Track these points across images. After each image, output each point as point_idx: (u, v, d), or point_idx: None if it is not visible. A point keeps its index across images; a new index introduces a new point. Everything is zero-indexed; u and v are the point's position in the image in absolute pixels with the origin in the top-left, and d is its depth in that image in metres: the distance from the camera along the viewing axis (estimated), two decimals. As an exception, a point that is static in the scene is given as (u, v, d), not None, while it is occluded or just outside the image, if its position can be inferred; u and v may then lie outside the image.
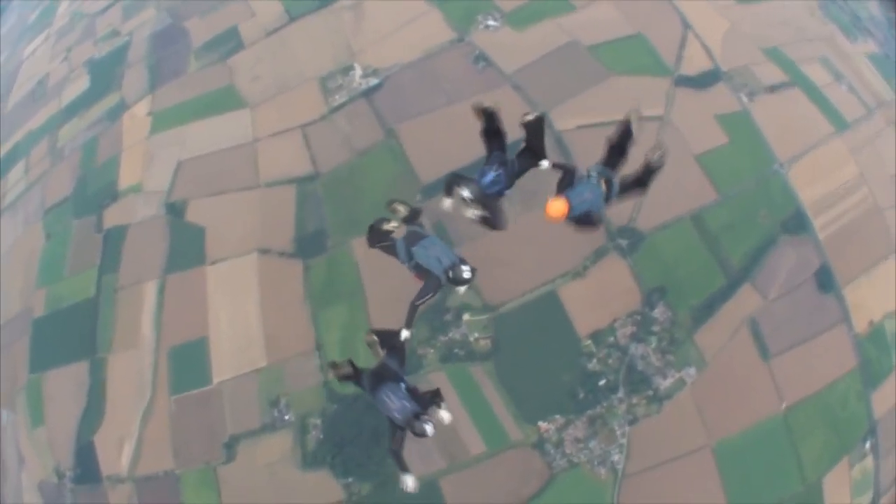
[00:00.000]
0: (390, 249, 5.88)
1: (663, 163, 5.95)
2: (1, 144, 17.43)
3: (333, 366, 5.97)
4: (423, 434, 5.15)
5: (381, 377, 5.55)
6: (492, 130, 6.02)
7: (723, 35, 14.34)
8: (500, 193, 5.94)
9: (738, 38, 14.45)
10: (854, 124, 14.50)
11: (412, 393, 5.46)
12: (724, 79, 13.82)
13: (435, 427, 5.27)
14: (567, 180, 5.86)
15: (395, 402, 5.34)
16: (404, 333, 5.72)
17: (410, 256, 5.69)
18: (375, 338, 5.89)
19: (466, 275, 5.46)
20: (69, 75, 17.42)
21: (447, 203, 6.10)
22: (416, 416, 5.20)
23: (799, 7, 16.15)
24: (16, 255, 15.61)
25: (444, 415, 5.93)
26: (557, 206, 5.55)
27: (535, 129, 5.97)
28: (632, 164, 6.09)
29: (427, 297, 5.55)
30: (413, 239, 5.74)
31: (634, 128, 5.92)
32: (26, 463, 14.01)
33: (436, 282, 5.54)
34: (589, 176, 5.85)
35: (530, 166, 6.05)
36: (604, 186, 5.79)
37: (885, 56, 17.21)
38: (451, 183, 5.93)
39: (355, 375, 5.78)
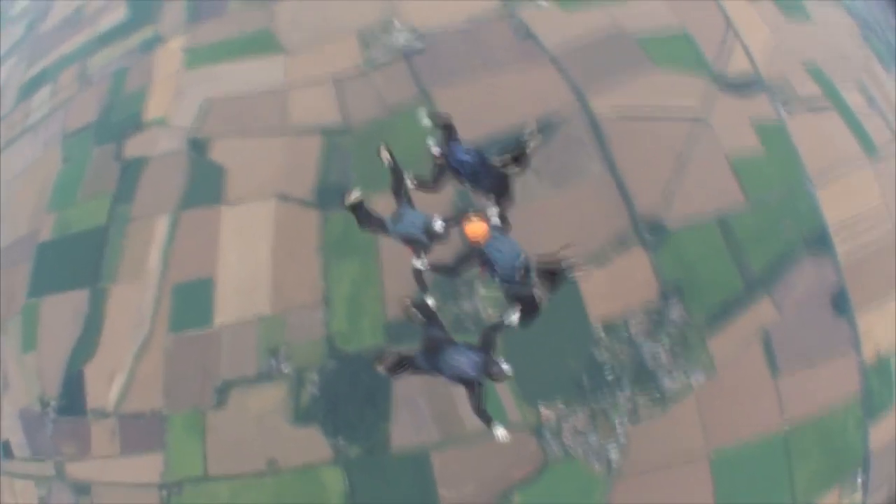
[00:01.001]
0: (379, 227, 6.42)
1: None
2: (30, 66, 17.22)
3: (379, 359, 6.00)
4: (502, 375, 5.22)
5: (434, 348, 5.49)
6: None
7: (767, 46, 14.28)
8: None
9: (782, 51, 14.39)
10: (885, 154, 14.38)
11: (469, 346, 5.42)
12: (764, 88, 13.71)
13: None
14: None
15: (464, 360, 5.28)
16: (430, 301, 6.03)
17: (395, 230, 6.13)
18: (412, 305, 6.01)
19: (438, 228, 5.77)
20: (108, 4, 17.23)
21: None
22: (493, 363, 5.24)
23: (841, 28, 16.10)
24: (30, 176, 15.40)
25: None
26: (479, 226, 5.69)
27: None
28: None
29: (420, 258, 6.01)
30: (396, 215, 6.27)
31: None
32: (11, 388, 13.74)
33: (420, 245, 5.97)
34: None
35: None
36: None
37: (917, 85, 17.18)
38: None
39: (406, 362, 5.77)
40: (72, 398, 12.66)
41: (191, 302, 12.31)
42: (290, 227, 12.23)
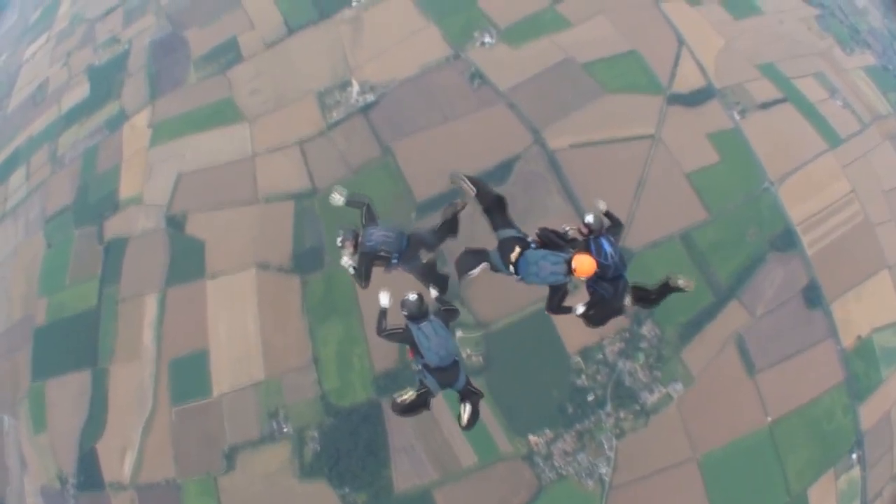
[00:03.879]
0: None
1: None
2: (2, 148, 17.50)
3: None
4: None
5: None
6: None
7: (717, 52, 14.43)
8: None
9: (732, 55, 14.53)
10: (848, 139, 14.61)
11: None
12: (716, 96, 13.93)
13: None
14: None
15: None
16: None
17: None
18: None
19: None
20: (69, 81, 17.47)
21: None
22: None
23: (796, 21, 16.18)
24: (17, 261, 15.81)
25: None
26: (588, 263, 5.71)
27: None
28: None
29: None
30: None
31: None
32: (29, 468, 14.30)
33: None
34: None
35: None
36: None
37: (884, 68, 17.27)
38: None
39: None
40: (88, 474, 13.23)
41: (189, 375, 12.83)
42: (272, 293, 12.67)
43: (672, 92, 13.71)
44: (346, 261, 6.31)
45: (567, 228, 6.18)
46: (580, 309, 6.25)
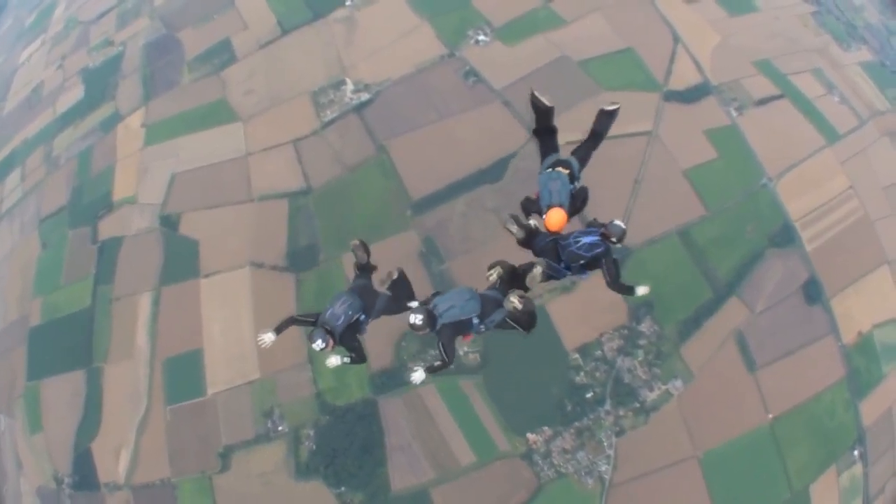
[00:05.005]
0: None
1: (616, 114, 6.09)
2: (-1, 150, 17.54)
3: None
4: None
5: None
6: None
7: (713, 49, 14.39)
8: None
9: (728, 52, 14.49)
10: (846, 135, 14.56)
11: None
12: (713, 93, 13.90)
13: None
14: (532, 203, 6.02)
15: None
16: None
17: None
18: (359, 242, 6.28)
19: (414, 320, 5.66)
20: (64, 84, 17.49)
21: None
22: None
23: (792, 18, 16.15)
24: (12, 262, 15.79)
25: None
26: (558, 217, 5.67)
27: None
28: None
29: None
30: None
31: (540, 100, 6.12)
32: (24, 468, 14.27)
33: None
34: (545, 172, 5.97)
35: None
36: (564, 172, 5.89)
37: (881, 64, 17.22)
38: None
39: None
40: (84, 474, 13.16)
41: (183, 374, 12.75)
42: (266, 292, 12.61)
43: (668, 89, 13.67)
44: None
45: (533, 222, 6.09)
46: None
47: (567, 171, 5.90)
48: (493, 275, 6.03)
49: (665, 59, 13.89)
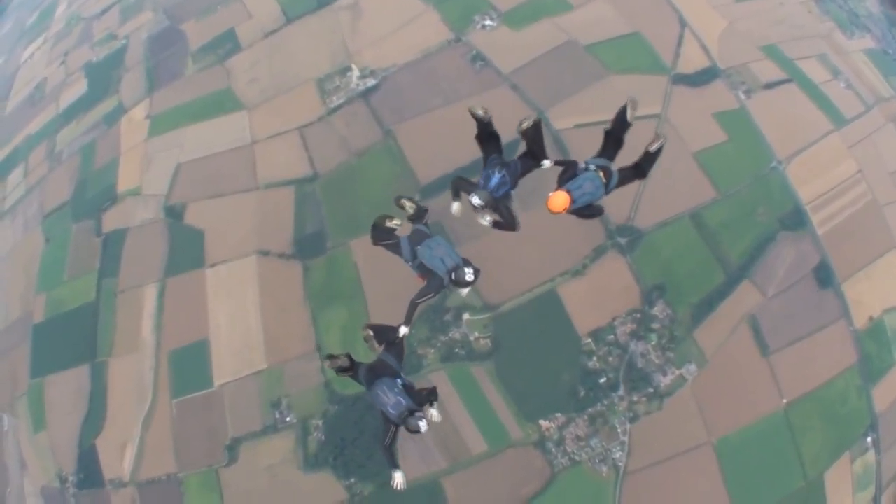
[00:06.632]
0: (394, 248, 5.72)
1: (661, 151, 5.88)
2: (0, 148, 17.40)
3: (330, 357, 5.80)
4: (416, 430, 4.95)
5: (377, 372, 5.45)
6: (486, 134, 6.00)
7: (720, 33, 14.37)
8: (507, 194, 5.92)
9: (735, 37, 14.46)
10: (852, 120, 14.49)
11: (408, 389, 5.30)
12: (721, 76, 13.84)
13: (428, 424, 5.09)
14: (568, 174, 5.83)
15: (391, 398, 5.18)
16: (402, 330, 5.56)
17: (414, 255, 5.55)
18: (371, 332, 5.80)
19: (469, 277, 5.32)
20: (67, 79, 17.45)
21: (455, 207, 6.01)
22: (411, 413, 5.02)
23: (796, 5, 16.14)
24: (16, 259, 15.62)
25: (435, 413, 5.81)
26: (559, 199, 5.51)
27: (534, 134, 5.95)
28: (630, 155, 6.07)
29: (428, 297, 5.46)
30: (418, 238, 5.58)
31: (630, 116, 5.87)
32: (28, 468, 14.01)
33: (438, 282, 5.41)
34: (587, 168, 5.82)
35: (533, 167, 6.02)
36: (602, 176, 5.74)
37: (884, 52, 17.21)
38: (457, 187, 5.85)
39: (351, 369, 5.68)
40: (88, 472, 12.93)
41: (189, 366, 12.56)
42: (273, 280, 12.45)
43: (676, 72, 13.60)
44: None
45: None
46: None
47: (604, 175, 5.75)
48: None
49: (672, 43, 13.85)
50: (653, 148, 5.81)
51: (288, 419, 12.01)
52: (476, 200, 5.48)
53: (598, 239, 12.13)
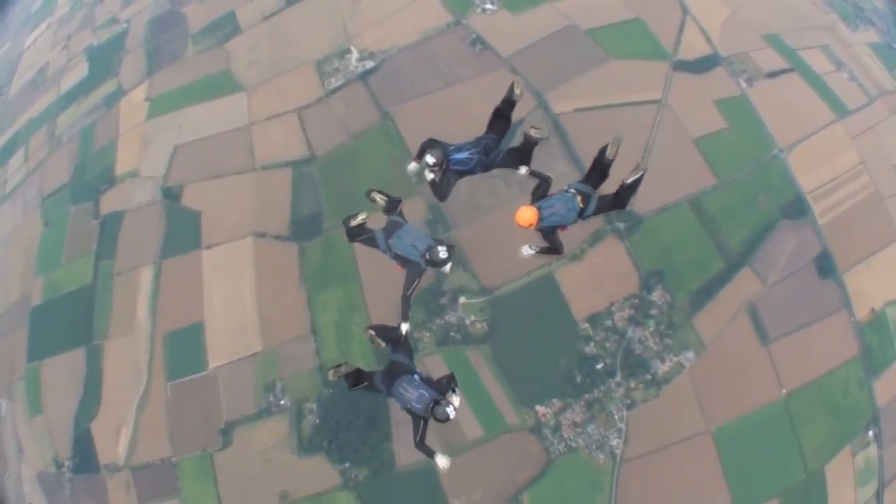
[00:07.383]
0: (370, 241, 5.81)
1: (640, 182, 5.82)
2: (2, 133, 17.45)
3: (334, 368, 5.74)
4: (445, 418, 5.15)
5: (394, 374, 5.48)
6: (501, 113, 6.00)
7: (722, 21, 14.28)
8: (462, 172, 5.87)
9: (737, 25, 14.37)
10: (855, 112, 14.37)
11: (427, 382, 5.42)
12: (722, 64, 13.74)
13: (455, 410, 5.24)
14: (542, 190, 5.81)
15: (413, 393, 5.30)
16: (404, 327, 5.68)
17: (389, 247, 5.63)
18: (373, 332, 5.75)
19: (443, 255, 5.40)
20: (68, 63, 17.48)
21: (412, 167, 6.08)
22: (437, 403, 5.19)
23: (801, -6, 16.06)
24: (15, 242, 15.64)
25: (456, 399, 5.71)
26: (526, 215, 5.49)
27: (533, 145, 5.94)
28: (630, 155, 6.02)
29: (414, 286, 5.51)
30: (391, 229, 5.67)
31: (611, 154, 5.79)
32: (25, 453, 14.00)
33: (417, 268, 5.48)
34: (567, 190, 5.76)
35: (510, 167, 5.99)
36: (580, 202, 5.67)
37: (888, 46, 17.10)
38: (424, 147, 5.90)
39: (366, 380, 5.68)
40: (84, 456, 12.90)
41: (184, 349, 12.50)
42: (269, 263, 12.39)
43: (678, 59, 13.51)
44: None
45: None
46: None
47: (581, 201, 5.71)
48: None
49: (674, 29, 13.77)
50: (629, 181, 5.76)
51: (282, 402, 11.94)
52: (430, 159, 5.62)
53: (596, 223, 12.01)
